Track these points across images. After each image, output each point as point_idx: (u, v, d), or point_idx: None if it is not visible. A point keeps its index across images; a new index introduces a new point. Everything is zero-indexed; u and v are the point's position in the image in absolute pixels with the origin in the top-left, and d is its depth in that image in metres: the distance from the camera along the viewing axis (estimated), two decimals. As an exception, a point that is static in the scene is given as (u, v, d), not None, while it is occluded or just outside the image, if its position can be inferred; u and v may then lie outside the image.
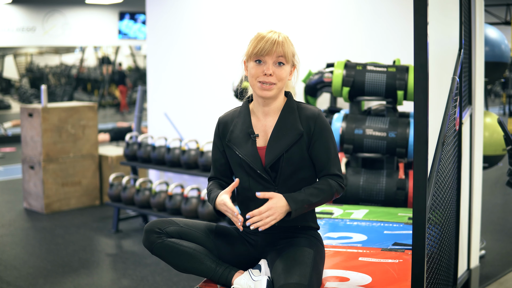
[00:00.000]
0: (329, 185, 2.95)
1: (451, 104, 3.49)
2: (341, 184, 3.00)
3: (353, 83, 5.09)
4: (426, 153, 2.49)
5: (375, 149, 4.95)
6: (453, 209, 4.37)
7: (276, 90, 2.96)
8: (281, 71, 2.95)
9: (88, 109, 9.16)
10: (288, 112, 3.03)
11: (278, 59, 2.94)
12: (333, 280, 3.04)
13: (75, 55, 26.26)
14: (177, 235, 3.00)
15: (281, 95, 3.04)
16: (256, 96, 3.03)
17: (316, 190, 2.93)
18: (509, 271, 6.16)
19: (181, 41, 8.02)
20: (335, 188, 2.97)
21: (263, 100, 3.00)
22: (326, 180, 2.98)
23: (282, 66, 2.96)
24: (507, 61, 7.18)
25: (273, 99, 3.01)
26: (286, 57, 2.95)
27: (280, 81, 2.96)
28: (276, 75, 2.94)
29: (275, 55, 2.93)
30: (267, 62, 2.93)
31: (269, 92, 2.94)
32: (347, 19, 6.37)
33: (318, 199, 2.92)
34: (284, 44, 2.95)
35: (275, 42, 2.92)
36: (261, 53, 2.92)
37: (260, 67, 2.94)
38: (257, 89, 2.96)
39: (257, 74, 2.95)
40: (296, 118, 3.00)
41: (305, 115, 3.01)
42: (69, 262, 6.60)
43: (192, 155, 7.29)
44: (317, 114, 3.01)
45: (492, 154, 6.93)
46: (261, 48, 2.92)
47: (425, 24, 2.44)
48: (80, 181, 9.04)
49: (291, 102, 3.06)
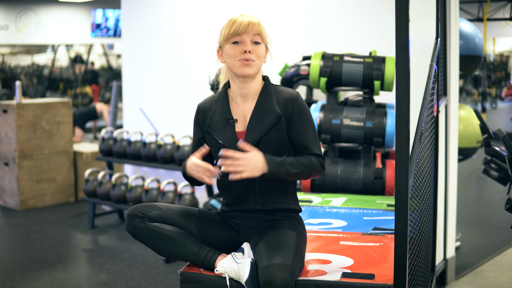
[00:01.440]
0: (310, 161, 2.97)
1: (429, 91, 3.53)
2: (322, 164, 3.02)
3: (331, 73, 5.12)
4: (408, 133, 2.52)
5: (352, 139, 4.99)
6: (431, 197, 4.42)
7: (256, 68, 2.98)
8: (258, 49, 2.98)
9: (63, 105, 9.12)
10: (265, 96, 3.04)
11: (254, 37, 2.97)
12: (315, 263, 3.06)
13: (47, 55, 26.09)
14: (159, 220, 3.00)
15: (258, 76, 3.06)
16: (234, 78, 3.05)
17: (296, 161, 2.94)
18: (484, 262, 6.23)
19: (156, 36, 8.01)
20: (316, 165, 2.98)
21: (242, 80, 3.02)
22: (309, 156, 2.99)
23: (259, 45, 2.99)
24: (480, 55, 7.26)
25: (252, 79, 3.02)
26: (262, 35, 2.99)
27: (258, 58, 2.98)
28: (255, 52, 2.96)
29: (251, 33, 2.96)
30: (244, 40, 2.96)
31: (250, 68, 2.96)
32: (323, 13, 6.40)
33: (297, 170, 2.92)
34: (259, 24, 2.99)
35: (250, 22, 2.96)
36: (238, 32, 2.94)
37: (239, 47, 2.96)
38: (237, 68, 2.97)
39: (236, 54, 2.96)
40: (274, 101, 3.02)
41: (282, 98, 3.03)
42: (45, 257, 6.58)
43: (168, 150, 7.29)
44: (295, 96, 3.03)
45: (466, 146, 7.00)
46: (237, 28, 2.94)
47: (407, 6, 2.47)
48: (55, 177, 9.00)
49: (268, 86, 3.08)
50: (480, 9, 16.38)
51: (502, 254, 6.47)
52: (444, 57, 5.36)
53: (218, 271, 2.91)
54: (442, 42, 5.15)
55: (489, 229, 7.52)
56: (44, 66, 25.30)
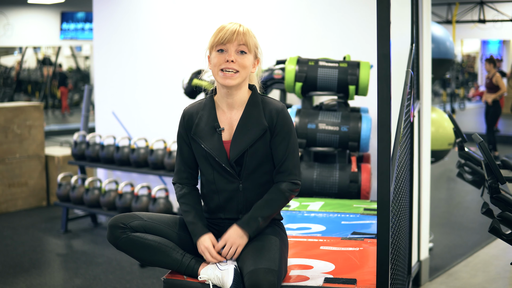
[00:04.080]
0: (280, 193, 3.02)
1: (406, 96, 3.57)
2: (294, 181, 3.05)
3: (306, 78, 5.16)
4: (389, 141, 2.55)
5: (328, 143, 5.03)
6: (407, 200, 4.47)
7: (239, 78, 2.98)
8: (243, 59, 2.98)
9: (34, 109, 9.07)
10: (253, 106, 3.05)
11: (240, 47, 2.97)
12: (297, 268, 3.09)
13: (15, 57, 25.88)
14: (141, 229, 3.00)
15: (245, 86, 3.07)
16: (219, 87, 3.05)
17: (266, 204, 3.00)
18: (457, 262, 6.31)
19: (128, 40, 8.00)
20: (288, 192, 3.03)
21: (226, 90, 3.02)
22: (277, 187, 3.04)
23: (245, 55, 2.99)
24: (451, 58, 7.34)
25: (237, 89, 3.03)
26: (248, 45, 2.99)
27: (243, 69, 2.98)
28: (239, 62, 2.96)
29: (236, 43, 2.96)
30: (229, 49, 2.96)
31: (232, 80, 2.96)
32: (296, 17, 6.43)
33: (271, 211, 3.01)
34: (245, 34, 2.99)
35: (236, 31, 2.96)
36: (222, 41, 2.95)
37: (222, 55, 2.97)
38: (219, 78, 2.98)
39: (219, 62, 2.97)
40: (261, 112, 3.03)
41: (269, 110, 3.04)
42: (19, 262, 6.54)
43: (141, 154, 7.28)
44: (281, 109, 3.04)
45: (438, 148, 7.08)
46: (222, 36, 2.95)
47: (388, 15, 2.50)
48: (26, 181, 8.95)
49: (256, 96, 3.09)
50: (449, 11, 16.50)
51: (475, 255, 6.55)
52: (417, 62, 5.42)
53: (202, 278, 2.92)
54: (415, 47, 5.20)
55: (461, 230, 7.60)
56: (12, 68, 25.10)
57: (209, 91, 3.18)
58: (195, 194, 3.16)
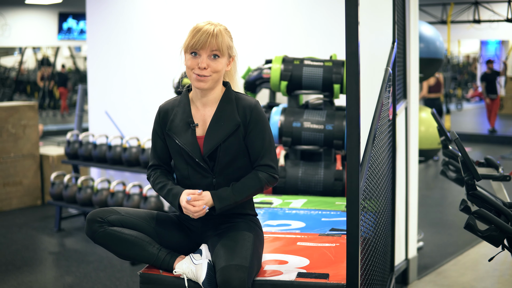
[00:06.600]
0: (258, 179, 3.07)
1: (383, 94, 3.61)
2: (273, 174, 3.10)
3: (291, 77, 5.20)
4: (358, 136, 2.59)
5: (313, 142, 5.07)
6: (389, 199, 4.50)
7: (211, 82, 3.04)
8: (216, 64, 3.02)
9: (29, 109, 9.12)
10: (226, 103, 3.10)
11: (212, 52, 3.01)
12: (272, 263, 3.13)
13: (14, 57, 25.92)
14: (118, 224, 3.05)
15: (218, 85, 3.12)
16: (194, 86, 3.11)
17: (243, 186, 3.06)
18: (447, 261, 6.33)
19: (120, 39, 8.04)
20: (265, 181, 3.08)
21: (201, 91, 3.08)
22: (256, 173, 3.09)
23: (217, 59, 3.03)
24: (441, 58, 7.37)
25: (210, 90, 3.08)
26: (221, 50, 3.02)
27: (216, 72, 3.03)
28: (211, 67, 3.01)
29: (209, 49, 3.00)
30: (201, 55, 3.01)
31: (204, 83, 3.02)
32: (285, 16, 6.46)
33: (244, 195, 3.06)
34: (218, 37, 3.01)
35: (209, 35, 2.99)
36: (196, 46, 2.99)
37: (195, 60, 3.01)
38: (193, 81, 3.04)
39: (193, 66, 3.02)
40: (234, 108, 3.08)
41: (242, 106, 3.09)
42: (11, 260, 6.59)
43: (133, 153, 7.33)
44: (254, 105, 3.09)
45: (428, 148, 7.12)
46: (196, 41, 2.98)
47: (356, 13, 2.54)
48: (21, 181, 9.00)
49: (229, 93, 3.14)
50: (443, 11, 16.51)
51: (465, 254, 6.58)
52: (404, 60, 5.45)
53: (177, 273, 2.98)
54: (401, 46, 5.23)
55: (452, 229, 7.62)
56: (11, 69, 25.13)
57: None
58: (168, 174, 3.24)
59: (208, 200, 3.00)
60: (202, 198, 3.00)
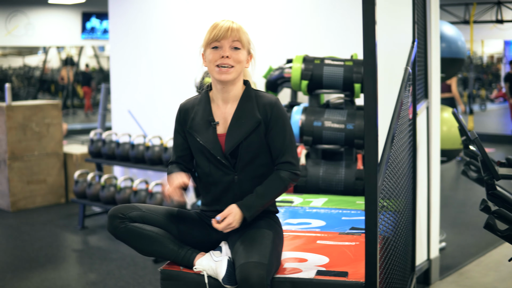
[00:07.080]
0: (280, 179, 3.10)
1: (403, 93, 3.62)
2: (295, 171, 3.13)
3: (312, 76, 5.21)
4: (376, 135, 2.60)
5: (334, 141, 5.08)
6: (409, 198, 4.50)
7: (235, 73, 3.08)
8: (238, 54, 3.07)
9: (52, 107, 9.19)
10: (246, 100, 3.14)
11: (233, 43, 3.06)
12: (291, 261, 3.15)
13: (38, 56, 26.09)
14: (140, 220, 3.08)
15: (239, 81, 3.15)
16: (215, 82, 3.14)
17: (267, 189, 3.09)
18: (469, 262, 6.29)
19: (143, 39, 8.09)
20: (288, 180, 3.11)
21: (222, 86, 3.11)
22: (277, 174, 3.12)
23: (239, 50, 3.08)
24: (463, 57, 7.34)
25: (232, 84, 3.12)
26: (241, 41, 3.07)
27: (238, 63, 3.07)
28: (233, 58, 3.06)
29: (230, 39, 3.05)
30: (223, 46, 3.05)
31: (227, 75, 3.06)
32: (308, 16, 6.47)
33: (270, 197, 3.09)
34: (239, 30, 3.08)
35: (229, 28, 3.05)
36: (217, 38, 3.04)
37: (217, 52, 3.06)
38: (215, 74, 3.07)
39: (215, 58, 3.06)
40: (254, 106, 3.12)
41: (262, 103, 3.12)
42: (35, 257, 6.65)
43: (156, 151, 7.37)
44: (274, 102, 3.12)
45: (450, 148, 7.09)
46: (216, 33, 3.04)
47: (373, 11, 2.56)
48: (45, 179, 9.07)
49: (249, 91, 3.17)
50: (466, 11, 16.43)
51: (487, 254, 6.54)
52: (425, 60, 5.44)
53: (197, 269, 3.01)
54: (422, 45, 5.23)
55: (474, 230, 7.58)
56: (36, 68, 25.30)
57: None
58: (185, 169, 3.26)
59: (236, 213, 3.02)
60: (230, 212, 3.03)
